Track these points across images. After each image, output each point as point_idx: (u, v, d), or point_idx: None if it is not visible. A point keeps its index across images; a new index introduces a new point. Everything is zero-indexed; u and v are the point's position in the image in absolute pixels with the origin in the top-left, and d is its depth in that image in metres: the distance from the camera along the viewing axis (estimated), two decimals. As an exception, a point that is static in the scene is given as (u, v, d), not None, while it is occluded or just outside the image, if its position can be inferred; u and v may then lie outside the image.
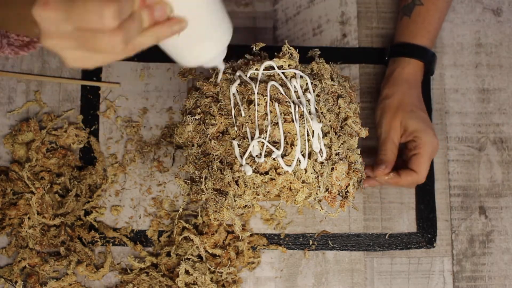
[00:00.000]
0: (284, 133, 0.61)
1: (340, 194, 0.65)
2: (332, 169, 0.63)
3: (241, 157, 0.61)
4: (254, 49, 0.67)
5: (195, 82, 0.67)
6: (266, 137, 0.61)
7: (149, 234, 0.78)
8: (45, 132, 0.79)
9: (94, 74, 0.83)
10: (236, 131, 0.62)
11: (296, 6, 0.86)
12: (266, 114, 0.61)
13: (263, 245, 0.78)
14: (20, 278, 0.76)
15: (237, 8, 0.85)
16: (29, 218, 0.76)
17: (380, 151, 0.75)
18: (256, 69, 0.63)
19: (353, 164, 0.64)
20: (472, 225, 0.80)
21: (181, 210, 0.76)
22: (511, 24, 0.86)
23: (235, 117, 0.62)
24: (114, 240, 0.78)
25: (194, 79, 0.67)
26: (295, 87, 0.63)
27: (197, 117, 0.64)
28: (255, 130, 0.61)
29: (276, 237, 0.79)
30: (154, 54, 0.63)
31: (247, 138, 0.61)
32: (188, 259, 0.75)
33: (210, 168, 0.63)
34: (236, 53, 0.69)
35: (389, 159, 0.74)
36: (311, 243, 0.79)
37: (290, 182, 0.62)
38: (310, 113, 0.62)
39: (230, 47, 0.55)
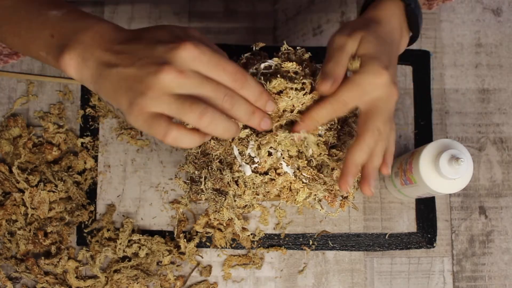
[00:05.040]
0: (284, 133, 0.61)
1: (340, 194, 0.65)
2: (332, 169, 0.63)
3: (241, 157, 0.61)
4: (254, 49, 0.67)
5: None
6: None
7: None
8: (32, 128, 0.79)
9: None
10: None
11: (296, 6, 0.85)
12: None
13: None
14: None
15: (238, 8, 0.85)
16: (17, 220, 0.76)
17: (327, 63, 0.55)
18: (256, 69, 0.63)
19: (353, 164, 0.64)
20: (472, 225, 0.80)
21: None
22: (511, 24, 0.86)
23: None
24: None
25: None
26: (295, 87, 0.63)
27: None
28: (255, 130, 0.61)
29: (276, 237, 0.79)
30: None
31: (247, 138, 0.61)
32: None
33: (209, 168, 0.63)
34: (236, 53, 0.69)
35: (337, 73, 0.54)
36: (311, 243, 0.79)
37: (290, 182, 0.62)
38: (310, 113, 0.62)
39: (230, 47, 0.55)
